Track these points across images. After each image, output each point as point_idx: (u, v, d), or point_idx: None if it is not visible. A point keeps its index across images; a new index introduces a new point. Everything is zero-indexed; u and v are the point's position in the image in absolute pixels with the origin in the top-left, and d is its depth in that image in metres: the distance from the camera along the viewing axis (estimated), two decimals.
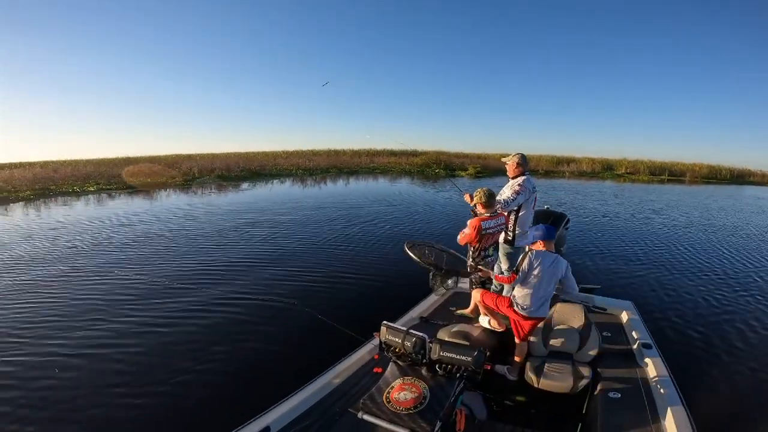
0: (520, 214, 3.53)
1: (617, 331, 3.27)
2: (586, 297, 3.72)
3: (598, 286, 5.25)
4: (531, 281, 2.79)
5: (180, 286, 5.60)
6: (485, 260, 3.32)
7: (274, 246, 7.82)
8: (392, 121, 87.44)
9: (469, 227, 3.18)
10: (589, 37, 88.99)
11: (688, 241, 8.99)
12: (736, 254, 8.00)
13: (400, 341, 2.04)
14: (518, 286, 2.85)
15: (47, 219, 10.88)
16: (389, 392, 1.86)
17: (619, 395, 2.37)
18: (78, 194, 16.25)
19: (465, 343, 2.65)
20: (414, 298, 3.86)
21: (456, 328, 3.03)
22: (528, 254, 2.86)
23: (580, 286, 3.10)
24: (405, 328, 2.08)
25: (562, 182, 23.80)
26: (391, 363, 2.10)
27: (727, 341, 4.30)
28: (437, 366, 1.97)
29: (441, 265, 3.41)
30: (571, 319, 2.89)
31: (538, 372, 2.59)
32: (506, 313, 2.92)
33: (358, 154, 33.93)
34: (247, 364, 3.71)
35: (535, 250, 2.88)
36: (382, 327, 2.15)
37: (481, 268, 3.26)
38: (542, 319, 2.85)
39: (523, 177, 3.54)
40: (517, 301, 2.84)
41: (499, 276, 3.12)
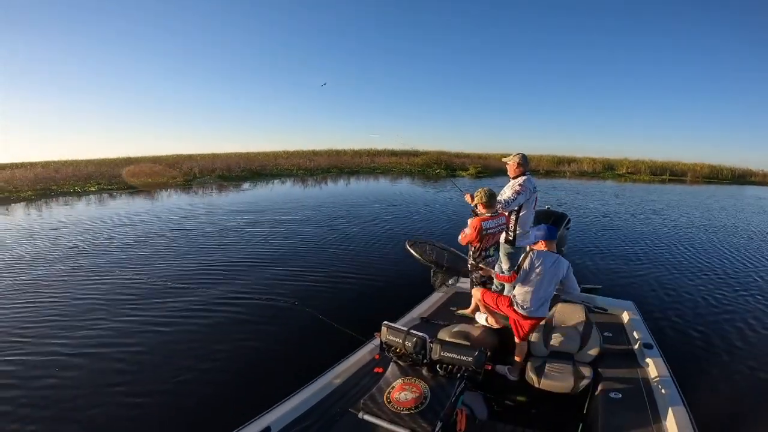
0: (520, 214, 3.53)
1: (618, 331, 3.26)
2: (587, 297, 3.71)
3: (599, 286, 5.25)
4: (531, 281, 2.79)
5: (181, 285, 5.61)
6: (486, 260, 3.32)
7: (275, 246, 7.82)
8: (392, 121, 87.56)
9: (469, 227, 3.18)
10: (589, 37, 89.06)
11: (689, 241, 8.97)
12: (737, 254, 7.98)
13: (400, 341, 2.05)
14: (519, 285, 2.85)
15: (48, 219, 10.90)
16: (390, 392, 1.86)
17: (620, 395, 2.37)
18: (79, 194, 16.28)
19: (466, 343, 2.65)
20: (414, 298, 3.86)
21: (457, 328, 3.03)
22: (529, 254, 2.86)
23: (581, 286, 3.10)
24: (406, 329, 2.08)
25: (563, 182, 23.77)
26: (391, 363, 2.11)
27: (728, 341, 4.29)
28: (438, 366, 1.97)
29: (442, 262, 3.41)
30: (572, 319, 2.89)
31: (539, 372, 2.58)
32: (506, 312, 2.92)
33: (358, 154, 33.94)
34: (248, 364, 3.72)
35: (536, 249, 2.88)
36: (383, 327, 2.15)
37: (482, 266, 3.26)
38: (542, 319, 2.85)
39: (524, 177, 3.55)
40: (517, 300, 2.84)
41: (499, 275, 3.12)
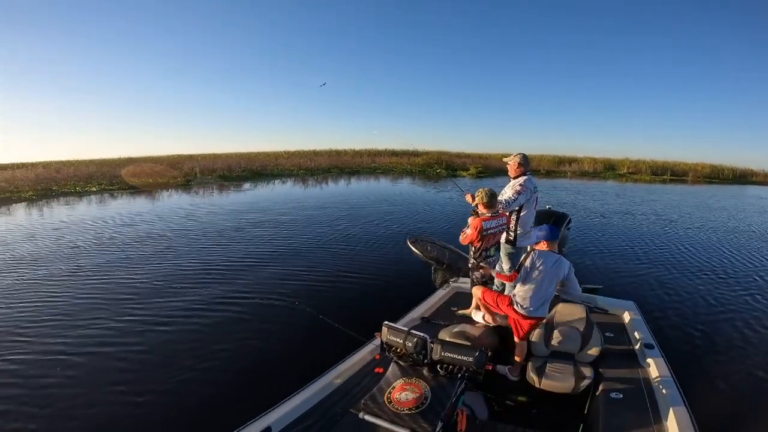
0: (521, 214, 3.52)
1: (619, 331, 3.26)
2: (587, 297, 3.70)
3: (600, 286, 5.24)
4: (532, 281, 2.79)
5: (182, 285, 5.62)
6: (487, 260, 3.32)
7: (275, 246, 7.83)
8: (392, 121, 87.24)
9: (470, 227, 3.18)
10: (589, 37, 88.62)
11: (690, 241, 8.95)
12: (738, 254, 7.97)
13: (401, 341, 2.04)
14: (519, 284, 2.85)
15: (50, 219, 10.92)
16: (390, 392, 1.86)
17: (621, 396, 2.36)
18: (80, 194, 16.31)
19: (466, 343, 2.65)
20: (415, 298, 3.86)
21: (457, 328, 3.03)
22: (531, 253, 2.86)
23: (582, 286, 3.09)
24: (406, 329, 2.08)
25: (564, 182, 23.75)
26: (392, 363, 2.10)
27: (730, 341, 4.29)
28: (438, 366, 1.97)
29: (443, 260, 3.40)
30: (572, 320, 2.88)
31: (540, 372, 2.58)
32: (506, 311, 2.92)
33: (359, 154, 33.95)
34: (249, 363, 3.72)
35: (538, 249, 2.88)
36: (384, 327, 2.15)
37: (482, 265, 3.25)
38: (542, 319, 2.85)
39: (525, 177, 3.54)
40: (517, 300, 2.84)
41: (500, 274, 3.12)
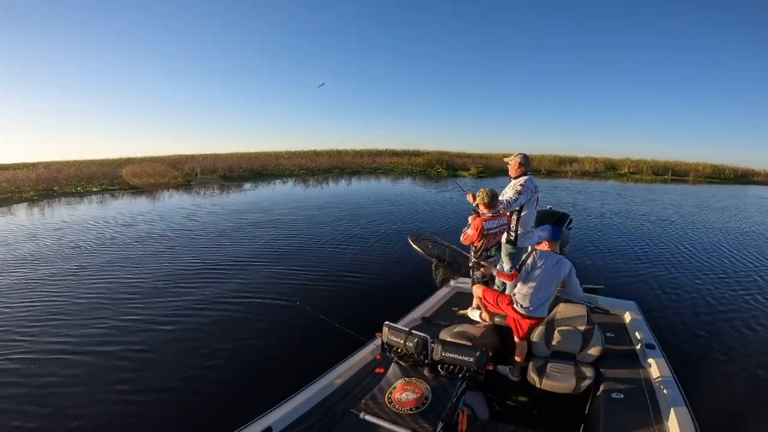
0: (522, 214, 3.52)
1: (620, 331, 3.25)
2: (588, 297, 3.70)
3: (601, 286, 5.23)
4: (533, 280, 2.79)
5: (183, 285, 5.62)
6: (488, 260, 3.32)
7: (276, 246, 7.83)
8: (393, 121, 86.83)
9: (471, 228, 3.17)
10: (589, 37, 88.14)
11: (691, 241, 8.94)
12: (740, 254, 7.96)
13: (402, 342, 2.04)
14: (520, 284, 2.85)
15: (51, 219, 10.94)
16: (391, 393, 1.86)
17: (622, 396, 2.36)
18: (81, 195, 16.34)
19: (467, 343, 2.64)
20: (416, 298, 3.85)
21: (458, 328, 3.02)
22: (532, 253, 2.86)
23: (583, 286, 3.09)
24: (407, 329, 2.08)
25: (565, 182, 23.73)
26: (393, 363, 2.10)
27: (731, 341, 4.28)
28: (439, 366, 1.97)
29: (444, 257, 3.40)
30: (573, 320, 2.87)
31: (541, 372, 2.58)
32: (506, 311, 2.92)
33: (360, 154, 33.95)
34: (250, 363, 3.72)
35: (539, 249, 2.88)
36: (384, 327, 2.15)
37: (483, 263, 3.25)
38: (541, 319, 2.84)
39: (525, 177, 3.54)
40: (517, 299, 2.84)
41: (501, 273, 3.11)
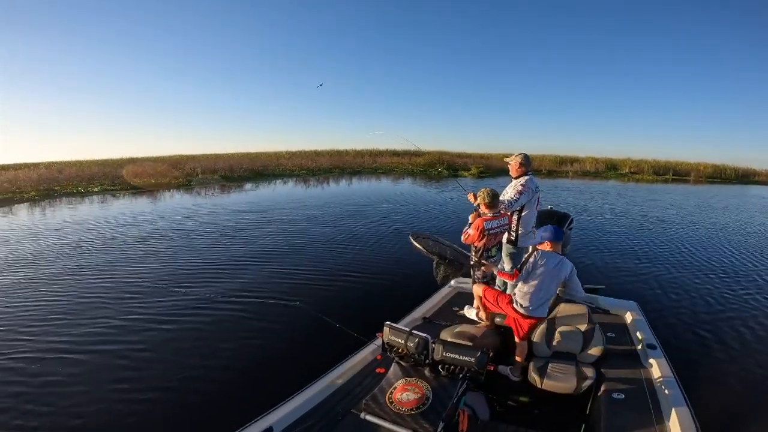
0: (523, 214, 3.52)
1: (621, 331, 3.25)
2: (589, 297, 3.69)
3: (602, 286, 5.22)
4: (534, 280, 2.78)
5: (184, 284, 5.63)
6: (488, 260, 3.31)
7: (277, 246, 7.84)
8: (393, 121, 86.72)
9: (472, 228, 3.17)
10: (589, 37, 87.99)
11: (692, 241, 8.93)
12: (741, 254, 7.94)
13: (402, 342, 2.04)
14: (521, 283, 2.85)
15: (52, 219, 10.97)
16: (392, 393, 1.86)
17: (623, 396, 2.35)
18: (82, 195, 16.37)
19: (468, 343, 2.64)
20: (417, 298, 3.86)
21: (459, 328, 3.03)
22: (534, 253, 2.86)
23: (583, 286, 3.09)
24: (408, 329, 2.08)
25: (566, 182, 23.71)
26: (393, 364, 2.10)
27: (733, 341, 4.27)
28: (440, 366, 1.97)
29: (445, 255, 3.40)
30: (574, 320, 2.87)
31: (542, 372, 2.57)
32: (506, 310, 2.91)
33: (360, 154, 33.96)
34: (250, 362, 3.73)
35: (541, 249, 2.88)
36: (385, 327, 2.15)
37: (484, 262, 3.24)
38: (541, 319, 2.84)
39: (526, 177, 3.54)
40: (517, 298, 2.84)
41: (502, 272, 3.11)
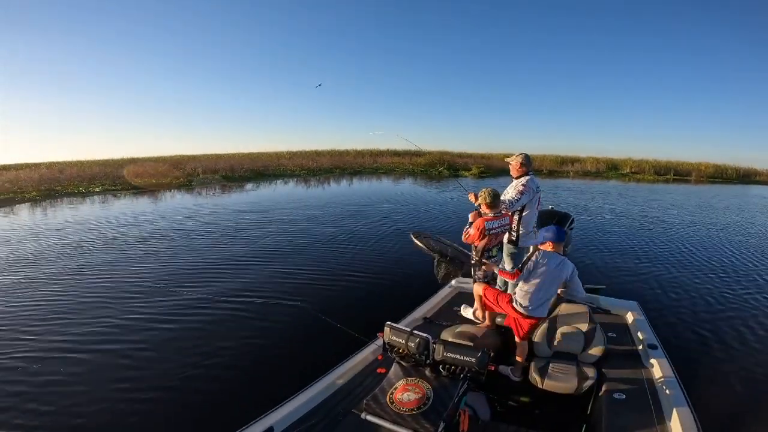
0: (523, 214, 3.52)
1: (622, 331, 3.24)
2: (590, 297, 3.69)
3: (603, 286, 5.21)
4: (534, 280, 2.78)
5: (185, 284, 5.64)
6: (489, 260, 3.31)
7: (278, 246, 7.84)
8: (393, 121, 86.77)
9: (473, 228, 3.16)
10: (589, 37, 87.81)
11: (693, 241, 8.91)
12: (742, 254, 7.92)
13: (403, 342, 2.04)
14: (521, 283, 2.84)
15: (54, 219, 10.99)
16: (393, 393, 1.86)
17: (624, 396, 2.35)
18: (83, 195, 16.39)
19: (469, 343, 2.64)
20: (417, 298, 3.85)
21: (460, 328, 3.02)
22: (535, 253, 2.86)
23: (584, 286, 3.08)
24: (409, 329, 2.08)
25: (567, 182, 23.68)
26: (394, 364, 2.11)
27: (734, 342, 4.26)
28: (441, 367, 1.97)
29: (446, 253, 3.40)
30: (575, 320, 2.87)
31: (543, 373, 2.57)
32: (505, 309, 2.91)
33: (361, 154, 33.96)
34: (251, 362, 3.73)
35: (543, 249, 2.87)
36: (386, 328, 2.15)
37: (485, 261, 3.24)
38: (541, 319, 2.84)
39: (527, 177, 3.54)
40: (517, 297, 2.83)
41: (503, 271, 3.11)
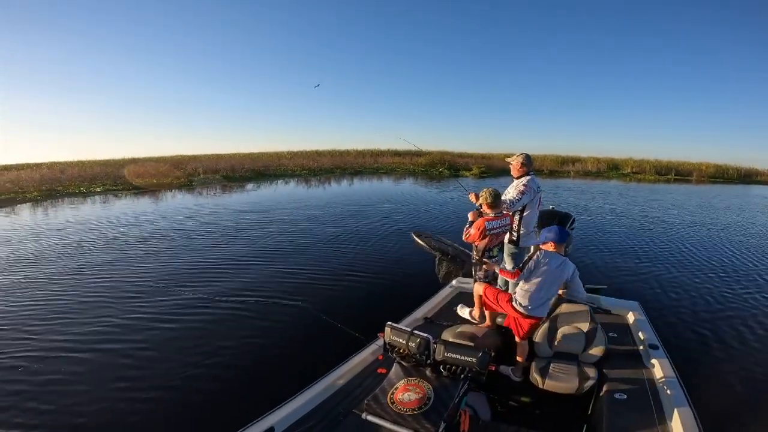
0: (524, 214, 3.51)
1: (623, 331, 3.24)
2: (591, 297, 3.68)
3: (605, 286, 5.20)
4: (535, 280, 2.78)
5: (186, 284, 5.64)
6: (490, 260, 3.30)
7: (279, 245, 7.84)
8: (393, 121, 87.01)
9: (473, 228, 3.16)
10: (589, 37, 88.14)
11: (694, 241, 8.90)
12: (743, 254, 7.91)
13: (404, 342, 2.04)
14: (522, 282, 2.84)
15: (55, 219, 11.00)
16: (393, 393, 1.86)
17: (625, 396, 2.35)
18: (84, 195, 16.42)
19: (469, 344, 2.64)
20: (418, 298, 3.85)
21: (460, 328, 3.02)
22: (536, 253, 2.85)
23: (585, 286, 3.08)
24: (409, 329, 2.08)
25: (567, 182, 23.65)
26: (395, 364, 2.11)
27: (735, 342, 4.25)
28: (441, 367, 1.97)
29: (447, 251, 3.40)
30: (576, 320, 2.87)
31: (543, 373, 2.57)
32: (505, 309, 2.91)
33: (362, 154, 33.98)
34: (252, 362, 3.73)
35: (544, 249, 2.87)
36: (387, 328, 2.15)
37: (486, 261, 3.23)
38: (541, 318, 2.83)
39: (528, 177, 3.53)
40: (517, 297, 2.83)
41: (503, 270, 3.11)
